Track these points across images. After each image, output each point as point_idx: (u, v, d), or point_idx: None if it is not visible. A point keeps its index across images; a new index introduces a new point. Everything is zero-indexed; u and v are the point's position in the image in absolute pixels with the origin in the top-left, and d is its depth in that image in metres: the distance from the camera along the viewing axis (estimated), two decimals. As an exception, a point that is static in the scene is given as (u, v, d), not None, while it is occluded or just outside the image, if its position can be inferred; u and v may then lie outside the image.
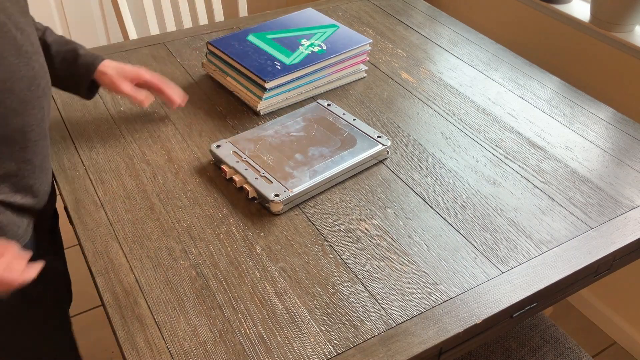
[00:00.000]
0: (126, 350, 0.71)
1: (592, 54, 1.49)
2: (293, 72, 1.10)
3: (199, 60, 1.26)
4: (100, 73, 0.97)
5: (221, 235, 0.86)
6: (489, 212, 0.92)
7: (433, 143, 1.06)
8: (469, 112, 1.14)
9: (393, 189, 0.95)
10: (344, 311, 0.76)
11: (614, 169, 1.02)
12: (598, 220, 0.91)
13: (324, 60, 1.13)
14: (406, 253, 0.84)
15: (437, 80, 1.23)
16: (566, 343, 1.12)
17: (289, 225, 0.89)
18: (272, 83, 1.07)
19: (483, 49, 1.34)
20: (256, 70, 1.08)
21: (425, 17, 1.47)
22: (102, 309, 1.71)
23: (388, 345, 0.72)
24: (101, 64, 0.98)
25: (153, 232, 0.86)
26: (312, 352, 0.71)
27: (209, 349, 0.71)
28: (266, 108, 1.10)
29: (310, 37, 1.19)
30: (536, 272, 0.83)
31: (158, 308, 0.76)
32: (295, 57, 1.13)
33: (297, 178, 0.92)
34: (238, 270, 0.81)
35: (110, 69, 0.98)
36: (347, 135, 1.01)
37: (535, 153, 1.04)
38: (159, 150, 1.02)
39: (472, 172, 0.99)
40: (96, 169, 0.97)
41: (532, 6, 1.61)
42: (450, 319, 0.76)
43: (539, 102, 1.18)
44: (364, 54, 1.20)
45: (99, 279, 0.79)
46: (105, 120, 1.08)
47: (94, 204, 0.91)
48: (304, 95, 1.15)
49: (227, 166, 0.94)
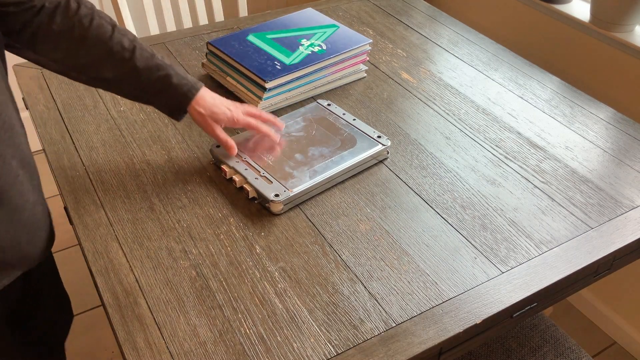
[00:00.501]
0: (126, 350, 0.71)
1: (592, 54, 1.49)
2: (293, 72, 1.10)
3: (199, 60, 1.26)
4: (194, 109, 0.91)
5: (221, 235, 0.86)
6: (489, 212, 0.92)
7: (433, 143, 1.06)
8: (469, 112, 1.14)
9: (393, 189, 0.95)
10: (344, 311, 0.76)
11: (614, 169, 1.02)
12: (598, 220, 0.91)
13: (324, 60, 1.13)
14: (406, 253, 0.84)
15: (437, 80, 1.23)
16: (566, 343, 1.12)
17: (289, 225, 0.89)
18: (272, 83, 1.07)
19: (483, 49, 1.34)
20: (256, 70, 1.08)
21: (425, 17, 1.47)
22: (102, 309, 1.71)
23: (388, 345, 0.72)
24: (195, 100, 0.91)
25: (153, 232, 0.86)
26: (312, 352, 0.71)
27: (209, 349, 0.71)
28: (266, 108, 1.10)
29: (310, 37, 1.19)
30: (536, 272, 0.83)
31: (158, 308, 0.76)
32: (295, 57, 1.13)
33: (297, 178, 0.92)
34: (238, 270, 0.81)
35: (204, 109, 0.92)
36: (347, 135, 1.01)
37: (535, 153, 1.04)
38: (159, 150, 1.02)
39: (472, 172, 0.99)
40: (96, 169, 0.97)
41: (532, 6, 1.61)
42: (450, 319, 0.76)
43: (539, 102, 1.18)
44: (364, 54, 1.20)
45: (99, 279, 0.79)
46: (105, 120, 1.08)
47: (94, 204, 0.91)
48: (304, 95, 1.15)
49: (227, 166, 0.94)
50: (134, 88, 0.88)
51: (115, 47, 0.84)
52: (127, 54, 0.85)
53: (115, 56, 0.84)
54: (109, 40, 0.84)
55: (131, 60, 0.85)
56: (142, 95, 0.89)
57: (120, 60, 0.85)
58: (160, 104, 0.91)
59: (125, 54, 0.85)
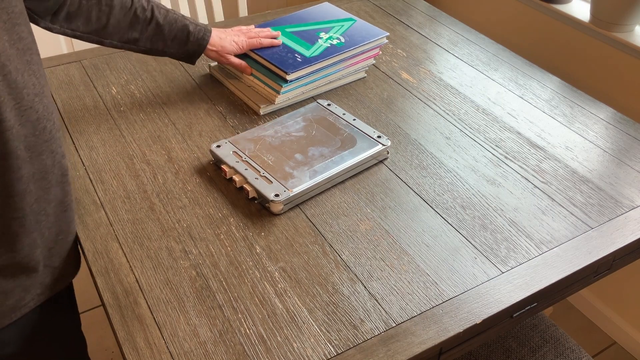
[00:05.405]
0: (126, 350, 0.71)
1: (592, 54, 1.49)
2: (313, 64, 1.11)
3: (199, 60, 1.26)
4: (208, 50, 1.09)
5: (221, 235, 0.86)
6: (489, 212, 0.92)
7: (433, 143, 1.06)
8: (469, 112, 1.14)
9: (393, 189, 0.95)
10: (344, 311, 0.76)
11: (614, 169, 1.02)
12: (598, 220, 0.91)
13: (343, 52, 1.15)
14: (406, 253, 0.84)
15: (437, 80, 1.23)
16: (566, 343, 1.12)
17: (289, 225, 0.89)
18: (293, 75, 1.08)
19: (483, 49, 1.34)
20: (277, 62, 1.09)
21: (425, 17, 1.47)
22: (102, 309, 1.71)
23: (388, 345, 0.72)
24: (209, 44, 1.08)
25: (153, 232, 0.86)
26: (312, 352, 0.71)
27: (209, 349, 0.71)
28: (280, 103, 1.12)
29: (328, 30, 1.21)
30: (536, 272, 0.83)
31: (158, 308, 0.76)
32: (314, 50, 1.14)
33: (297, 178, 0.92)
34: (238, 270, 0.81)
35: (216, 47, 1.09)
36: (347, 135, 1.01)
37: (535, 153, 1.04)
38: (159, 150, 1.02)
39: (472, 172, 0.99)
40: (96, 169, 0.97)
41: (532, 6, 1.61)
42: (450, 319, 0.76)
43: (539, 102, 1.18)
44: (379, 47, 1.22)
45: (99, 279, 0.79)
46: (105, 120, 1.08)
47: (94, 204, 0.91)
48: (318, 90, 1.17)
49: (227, 166, 0.94)
50: (158, 43, 1.03)
51: (138, 10, 0.99)
52: (149, 13, 1.00)
53: (139, 18, 1.00)
54: (132, 5, 0.99)
55: (153, 19, 1.01)
56: (164, 48, 1.04)
57: (144, 20, 1.00)
58: (181, 53, 1.06)
59: (147, 14, 1.00)
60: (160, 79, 1.20)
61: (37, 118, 0.69)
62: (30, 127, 0.69)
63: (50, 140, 0.73)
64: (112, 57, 1.27)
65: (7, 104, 0.64)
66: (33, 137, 0.69)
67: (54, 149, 0.74)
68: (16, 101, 0.66)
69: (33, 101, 0.69)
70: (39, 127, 0.70)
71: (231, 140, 0.99)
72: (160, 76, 1.21)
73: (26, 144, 0.68)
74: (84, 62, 1.25)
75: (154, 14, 1.01)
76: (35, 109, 0.69)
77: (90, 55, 1.27)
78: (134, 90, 1.16)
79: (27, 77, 0.67)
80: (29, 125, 0.68)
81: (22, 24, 0.67)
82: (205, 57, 1.27)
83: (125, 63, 1.25)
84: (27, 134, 0.68)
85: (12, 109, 0.65)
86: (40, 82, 0.71)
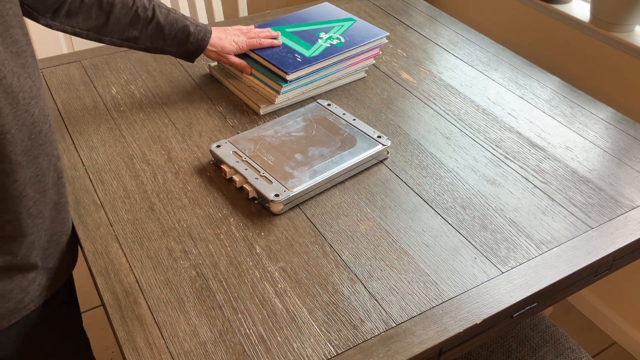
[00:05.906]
0: (126, 350, 0.71)
1: (592, 54, 1.49)
2: (313, 64, 1.11)
3: (199, 60, 1.26)
4: (208, 50, 1.10)
5: (221, 235, 0.86)
6: (489, 212, 0.92)
7: (433, 143, 1.06)
8: (469, 112, 1.14)
9: (393, 189, 0.95)
10: (344, 311, 0.76)
11: (614, 169, 1.02)
12: (598, 220, 0.91)
13: (343, 52, 1.15)
14: (406, 253, 0.84)
15: (437, 80, 1.23)
16: (566, 343, 1.12)
17: (289, 225, 0.89)
18: (293, 75, 1.08)
19: (483, 49, 1.34)
20: (277, 62, 1.09)
21: (425, 17, 1.47)
22: (102, 309, 1.71)
23: (388, 345, 0.72)
24: (209, 44, 1.09)
25: (153, 232, 0.86)
26: (312, 352, 0.71)
27: (209, 349, 0.71)
28: (280, 104, 1.12)
29: (328, 30, 1.21)
30: (536, 272, 0.83)
31: (158, 308, 0.76)
32: (314, 50, 1.14)
33: (297, 178, 0.92)
34: (238, 270, 0.81)
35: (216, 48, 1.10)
36: (347, 135, 1.01)
37: (535, 153, 1.04)
38: (159, 150, 1.02)
39: (472, 172, 0.99)
40: (96, 169, 0.97)
41: (532, 6, 1.61)
42: (450, 319, 0.76)
43: (539, 102, 1.18)
44: (379, 47, 1.22)
45: (99, 279, 0.79)
46: (105, 120, 1.08)
47: (94, 204, 0.91)
48: (317, 90, 1.17)
49: (227, 166, 0.94)
50: (157, 42, 1.04)
51: (139, 9, 0.99)
52: (150, 12, 1.00)
53: (140, 17, 1.00)
54: (133, 3, 0.99)
55: (154, 18, 1.01)
56: (164, 47, 1.05)
57: (144, 19, 1.00)
58: (180, 52, 1.07)
59: (148, 13, 1.00)
60: (160, 79, 1.20)
61: (32, 122, 0.68)
62: (27, 131, 0.68)
63: (46, 144, 0.72)
64: (112, 57, 1.27)
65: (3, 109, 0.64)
66: (29, 141, 0.69)
67: (50, 152, 0.73)
68: (12, 105, 0.65)
69: (29, 105, 0.67)
70: (35, 131, 0.69)
71: (231, 140, 0.99)
72: (160, 76, 1.21)
73: (22, 148, 0.68)
74: (84, 62, 1.25)
75: (155, 13, 1.01)
76: (31, 113, 0.68)
77: (90, 55, 1.27)
78: (134, 90, 1.16)
79: (22, 81, 0.66)
80: (25, 129, 0.67)
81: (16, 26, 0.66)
82: (206, 57, 1.27)
83: (125, 63, 1.25)
84: (23, 138, 0.67)
85: (8, 114, 0.64)
86: (36, 84, 0.70)
